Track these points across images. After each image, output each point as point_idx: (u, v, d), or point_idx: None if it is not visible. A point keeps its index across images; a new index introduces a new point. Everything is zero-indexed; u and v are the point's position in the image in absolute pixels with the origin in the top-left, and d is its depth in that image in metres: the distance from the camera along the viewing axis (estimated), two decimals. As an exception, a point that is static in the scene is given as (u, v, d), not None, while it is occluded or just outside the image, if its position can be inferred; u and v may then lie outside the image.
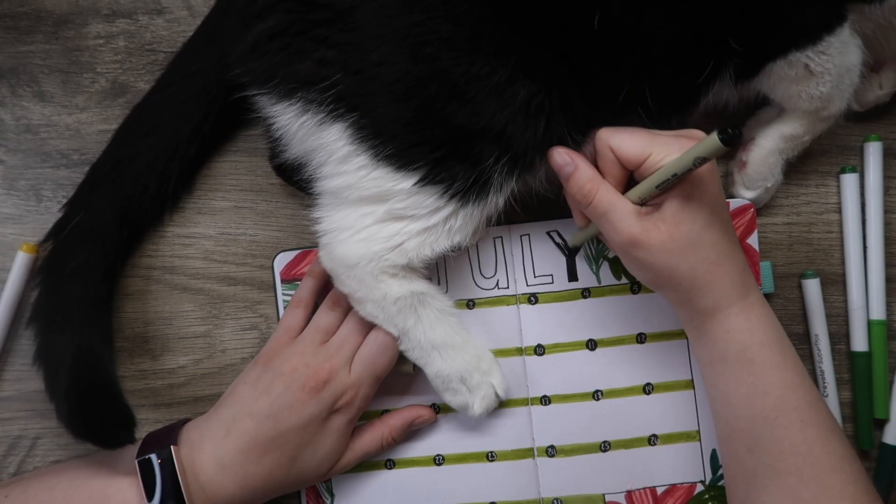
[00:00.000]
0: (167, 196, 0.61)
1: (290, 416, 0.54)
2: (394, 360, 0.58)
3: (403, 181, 0.52)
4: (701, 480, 0.62)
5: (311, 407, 0.55)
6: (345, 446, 0.58)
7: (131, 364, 0.63)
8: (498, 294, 0.62)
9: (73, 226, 0.58)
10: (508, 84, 0.51)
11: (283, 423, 0.54)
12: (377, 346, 0.57)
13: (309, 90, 0.51)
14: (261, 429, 0.54)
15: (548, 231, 0.62)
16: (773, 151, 0.61)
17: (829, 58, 0.55)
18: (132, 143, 0.60)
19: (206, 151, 0.63)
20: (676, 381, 0.62)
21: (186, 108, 0.59)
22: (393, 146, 0.51)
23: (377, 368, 0.57)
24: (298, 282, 0.62)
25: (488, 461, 0.62)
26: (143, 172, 0.59)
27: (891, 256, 0.63)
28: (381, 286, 0.55)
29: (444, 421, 0.62)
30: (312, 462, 0.56)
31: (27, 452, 0.63)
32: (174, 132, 0.59)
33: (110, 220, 0.59)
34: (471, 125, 0.51)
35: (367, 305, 0.56)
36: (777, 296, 0.64)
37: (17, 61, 0.63)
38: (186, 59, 0.60)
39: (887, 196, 0.63)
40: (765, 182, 0.61)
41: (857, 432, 0.63)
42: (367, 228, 0.54)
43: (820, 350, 0.62)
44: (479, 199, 0.53)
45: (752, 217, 0.62)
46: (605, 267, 0.62)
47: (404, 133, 0.51)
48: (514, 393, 0.62)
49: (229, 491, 0.54)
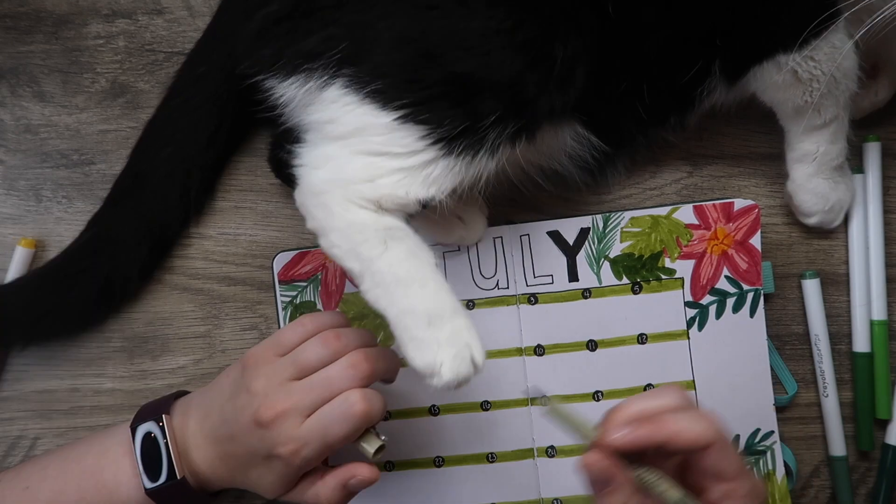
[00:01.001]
0: (189, 205, 0.61)
1: (239, 436, 0.52)
2: (354, 433, 0.50)
3: (384, 116, 0.49)
4: (701, 481, 0.62)
5: (252, 439, 0.51)
6: (289, 487, 0.53)
7: (131, 364, 0.63)
8: (498, 294, 0.62)
9: (91, 236, 0.59)
10: (542, 42, 0.49)
11: (236, 438, 0.52)
12: (340, 412, 0.49)
13: (314, 63, 0.50)
14: (222, 430, 0.53)
15: (548, 231, 0.62)
16: (806, 178, 0.60)
17: (817, 64, 0.54)
18: (150, 157, 0.60)
19: (226, 156, 0.63)
20: (677, 382, 0.62)
21: (199, 115, 0.59)
22: (382, 83, 0.49)
23: (329, 435, 0.49)
24: (296, 283, 0.62)
25: (488, 462, 0.62)
26: (162, 184, 0.59)
27: (891, 256, 0.63)
28: (348, 214, 0.50)
29: (444, 422, 0.62)
30: (261, 484, 0.53)
31: (27, 452, 0.63)
32: (190, 142, 0.59)
33: (129, 234, 0.59)
34: (478, 76, 0.49)
35: (331, 235, 0.51)
36: (777, 296, 0.64)
37: (17, 61, 0.63)
38: (193, 64, 0.60)
39: (887, 196, 0.63)
40: (821, 206, 0.61)
41: (857, 433, 0.63)
42: (342, 158, 0.51)
43: (820, 350, 0.63)
44: (465, 155, 0.49)
45: (756, 217, 0.62)
46: (606, 267, 0.62)
47: (396, 71, 0.49)
48: (514, 394, 0.62)
49: (204, 469, 0.54)
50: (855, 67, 0.56)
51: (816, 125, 0.58)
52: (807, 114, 0.57)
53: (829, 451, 0.63)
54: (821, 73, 0.54)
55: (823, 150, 0.59)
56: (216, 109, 0.59)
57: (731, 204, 0.62)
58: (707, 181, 0.64)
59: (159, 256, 0.62)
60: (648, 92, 0.53)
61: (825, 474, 0.64)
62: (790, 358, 0.64)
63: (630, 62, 0.52)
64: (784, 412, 0.63)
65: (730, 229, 0.62)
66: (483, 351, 0.49)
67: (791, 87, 0.55)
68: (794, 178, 0.61)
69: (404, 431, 0.62)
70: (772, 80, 0.55)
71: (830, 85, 0.55)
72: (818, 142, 0.59)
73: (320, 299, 0.62)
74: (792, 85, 0.55)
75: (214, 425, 0.53)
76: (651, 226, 0.62)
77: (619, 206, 0.63)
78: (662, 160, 0.64)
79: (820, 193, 0.61)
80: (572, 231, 0.62)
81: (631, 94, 0.53)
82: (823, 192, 0.61)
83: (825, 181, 0.60)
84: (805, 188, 0.61)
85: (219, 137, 0.60)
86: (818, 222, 0.62)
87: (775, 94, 0.57)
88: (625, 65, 0.52)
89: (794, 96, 0.56)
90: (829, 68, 0.54)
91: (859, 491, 0.64)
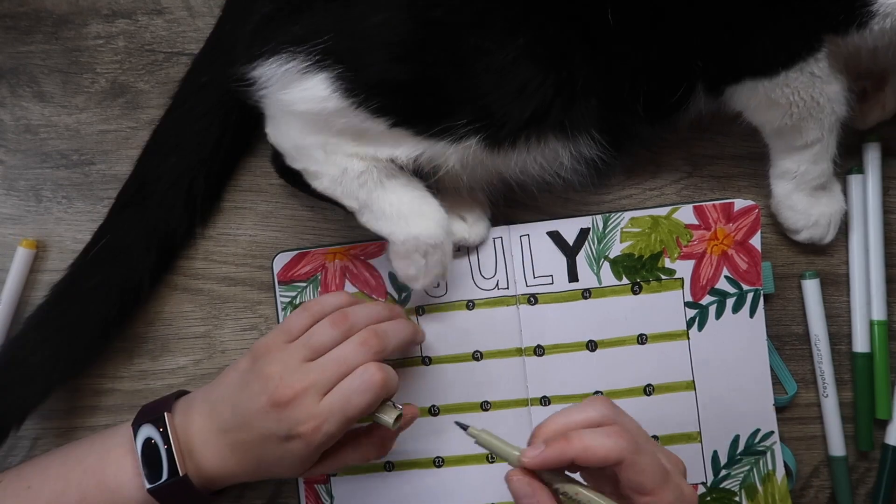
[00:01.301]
0: (196, 213, 0.61)
1: (253, 422, 0.52)
2: (373, 404, 0.52)
3: (375, 124, 0.51)
4: (702, 482, 0.62)
5: (269, 422, 0.51)
6: (307, 466, 0.54)
7: (131, 364, 0.63)
8: (498, 295, 0.62)
9: (99, 248, 0.59)
10: (512, 65, 0.50)
11: (249, 425, 0.53)
12: (359, 384, 0.51)
13: (298, 47, 0.50)
14: (233, 420, 0.53)
15: (548, 231, 0.62)
16: (785, 195, 0.60)
17: (793, 91, 0.53)
18: (155, 165, 0.60)
19: (232, 163, 0.63)
20: (677, 383, 0.62)
21: (203, 123, 0.59)
22: (378, 101, 0.51)
23: (350, 408, 0.51)
24: (296, 283, 0.62)
25: (489, 462, 0.62)
26: (168, 193, 0.59)
27: (890, 256, 0.63)
28: (340, 163, 0.53)
29: (444, 422, 0.62)
30: (278, 468, 0.54)
31: (27, 452, 0.63)
32: (195, 149, 0.60)
33: (136, 242, 0.59)
34: (460, 96, 0.51)
35: (322, 180, 0.54)
36: (777, 296, 0.64)
37: (17, 61, 0.63)
38: (196, 73, 0.60)
39: (887, 196, 0.63)
40: (804, 222, 0.61)
41: (857, 433, 0.63)
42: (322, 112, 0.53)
43: (820, 350, 0.63)
44: (432, 140, 0.52)
45: (756, 217, 0.61)
46: (606, 267, 0.62)
47: (393, 93, 0.51)
48: (513, 394, 0.62)
49: (212, 466, 0.54)
50: (841, 92, 0.54)
51: (797, 146, 0.57)
52: (787, 135, 0.57)
53: (828, 451, 0.63)
54: (800, 99, 0.53)
55: (804, 169, 0.58)
56: (220, 118, 0.59)
57: (731, 204, 0.62)
58: (707, 181, 0.64)
59: (168, 262, 0.62)
60: (634, 104, 0.54)
61: (825, 474, 0.64)
62: (790, 358, 0.64)
63: (618, 77, 0.53)
64: (784, 412, 0.63)
65: (730, 229, 0.62)
66: (448, 266, 0.57)
67: (769, 110, 0.55)
68: (776, 195, 0.61)
69: (404, 432, 0.62)
70: (749, 101, 0.55)
71: (812, 109, 0.54)
72: (799, 161, 0.58)
73: (320, 299, 0.62)
74: (770, 108, 0.55)
75: (224, 417, 0.53)
76: (651, 226, 0.62)
77: (619, 207, 0.63)
78: (662, 160, 0.64)
79: (800, 210, 0.60)
80: (572, 231, 0.62)
81: (618, 104, 0.53)
82: (803, 209, 0.60)
83: (806, 198, 0.60)
84: (785, 205, 0.61)
85: (223, 145, 0.60)
86: (808, 238, 0.62)
87: (754, 115, 0.57)
88: (611, 80, 0.53)
89: (773, 119, 0.55)
90: (809, 94, 0.53)
91: (859, 491, 0.64)
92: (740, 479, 0.62)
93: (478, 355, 0.62)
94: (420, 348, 0.62)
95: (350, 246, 0.62)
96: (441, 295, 0.62)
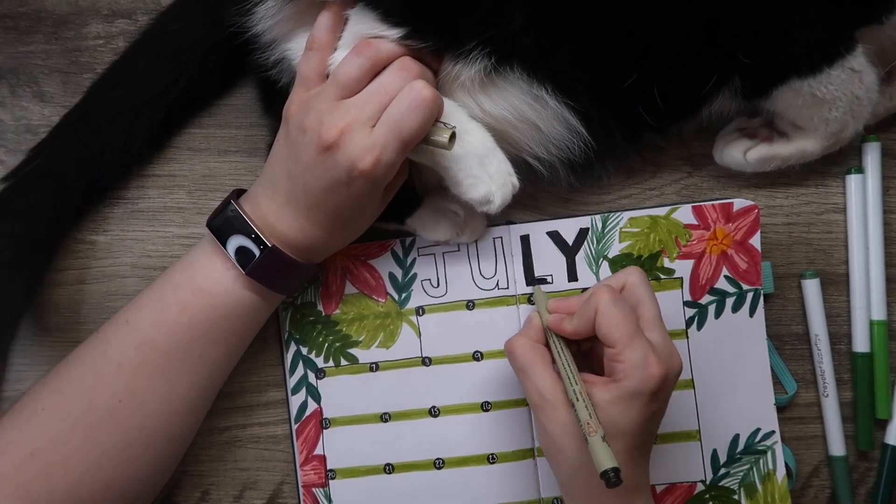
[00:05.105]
0: (132, 155, 0.60)
1: (311, 177, 0.51)
2: (427, 122, 0.49)
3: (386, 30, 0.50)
4: (701, 480, 0.62)
5: (326, 170, 0.49)
6: (381, 205, 0.54)
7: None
8: (498, 295, 0.62)
9: (31, 168, 0.58)
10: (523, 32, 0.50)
11: (310, 184, 0.51)
12: (409, 103, 0.48)
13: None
14: (296, 188, 0.52)
15: (547, 231, 0.62)
16: (787, 158, 0.61)
17: (835, 87, 0.54)
18: (101, 95, 0.60)
19: (178, 117, 0.62)
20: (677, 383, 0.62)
21: (156, 65, 0.59)
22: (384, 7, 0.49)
23: (405, 130, 0.48)
24: (298, 281, 0.62)
25: (489, 463, 0.62)
26: (106, 125, 0.59)
27: (890, 256, 0.63)
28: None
29: (444, 423, 0.62)
30: (359, 218, 0.54)
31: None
32: (141, 89, 0.59)
33: (69, 168, 0.58)
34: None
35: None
36: (777, 296, 0.64)
37: (17, 61, 0.63)
38: (167, 19, 0.60)
39: (886, 196, 0.63)
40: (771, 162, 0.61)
41: (857, 433, 0.63)
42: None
43: (820, 350, 0.63)
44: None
45: (756, 217, 0.62)
46: (605, 267, 0.62)
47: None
48: (514, 394, 0.62)
49: (295, 236, 0.54)
50: (876, 83, 0.56)
51: (842, 138, 0.58)
52: (832, 127, 0.57)
53: (828, 450, 0.63)
54: (841, 94, 0.55)
55: (811, 151, 0.60)
56: (176, 65, 0.59)
57: (731, 204, 0.62)
58: (707, 181, 0.64)
59: (97, 195, 0.62)
60: (658, 94, 0.53)
61: (825, 474, 0.64)
62: (790, 358, 0.64)
63: (642, 59, 0.52)
64: (784, 412, 0.63)
65: (729, 229, 0.62)
66: (516, 176, 0.54)
67: (814, 106, 0.56)
68: (738, 155, 0.61)
69: (404, 434, 0.62)
70: (792, 100, 0.55)
71: (853, 103, 0.55)
72: (818, 144, 0.59)
73: (320, 299, 0.62)
74: (815, 103, 0.55)
75: (286, 189, 0.53)
76: (650, 226, 0.62)
77: (618, 207, 0.64)
78: (662, 160, 0.64)
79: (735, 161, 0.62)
80: (572, 231, 0.62)
81: (636, 92, 0.53)
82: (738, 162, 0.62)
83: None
84: (770, 160, 0.61)
85: (172, 92, 0.59)
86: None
87: (799, 112, 0.57)
88: (635, 60, 0.52)
89: (820, 112, 0.56)
90: (850, 89, 0.54)
91: (859, 491, 0.64)
92: (739, 478, 0.62)
93: (478, 355, 0.62)
94: (420, 348, 0.62)
95: (350, 246, 0.62)
96: (441, 295, 0.62)
